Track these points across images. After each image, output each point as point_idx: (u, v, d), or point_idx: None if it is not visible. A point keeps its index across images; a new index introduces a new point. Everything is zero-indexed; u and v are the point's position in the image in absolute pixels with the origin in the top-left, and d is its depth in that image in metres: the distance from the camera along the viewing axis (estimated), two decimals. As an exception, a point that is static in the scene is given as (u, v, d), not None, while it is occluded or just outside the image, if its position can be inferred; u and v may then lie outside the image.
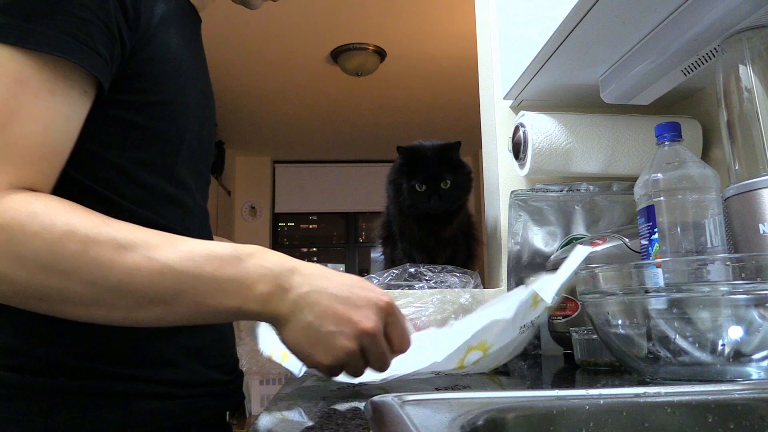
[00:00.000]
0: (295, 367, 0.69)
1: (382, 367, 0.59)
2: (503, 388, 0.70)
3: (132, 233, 0.54)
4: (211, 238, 0.80)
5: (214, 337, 0.74)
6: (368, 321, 0.56)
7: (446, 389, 0.62)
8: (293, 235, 6.26)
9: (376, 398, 0.44)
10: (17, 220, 0.51)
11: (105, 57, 0.58)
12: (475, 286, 1.07)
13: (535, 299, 0.69)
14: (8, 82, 0.53)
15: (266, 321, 0.58)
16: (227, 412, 0.78)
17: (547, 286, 0.68)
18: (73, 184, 0.62)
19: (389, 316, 0.58)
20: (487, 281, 1.29)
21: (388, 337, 0.58)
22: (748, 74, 0.75)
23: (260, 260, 0.57)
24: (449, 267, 1.10)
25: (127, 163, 0.65)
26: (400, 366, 0.65)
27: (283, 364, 0.71)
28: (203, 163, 0.78)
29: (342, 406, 0.53)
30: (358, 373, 0.58)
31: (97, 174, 0.63)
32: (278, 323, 0.57)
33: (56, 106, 0.56)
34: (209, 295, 0.55)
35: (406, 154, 1.23)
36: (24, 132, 0.53)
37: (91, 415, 0.61)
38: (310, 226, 6.29)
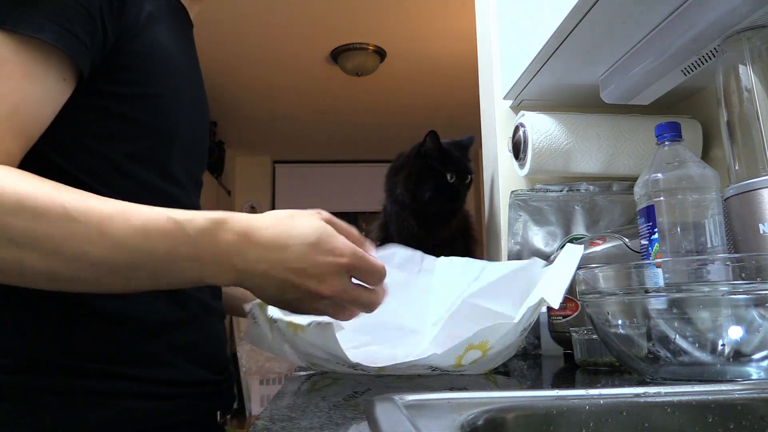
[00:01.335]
0: (305, 320, 0.68)
1: (369, 307, 0.61)
2: (503, 388, 0.70)
3: (84, 203, 0.53)
4: None
5: (205, 336, 0.73)
6: (327, 287, 0.57)
7: (443, 390, 0.62)
8: (293, 235, 6.25)
9: (375, 398, 0.44)
10: None
11: (84, 42, 0.59)
12: (475, 286, 1.07)
13: (540, 303, 0.69)
14: None
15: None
16: (218, 412, 0.77)
17: (553, 291, 0.67)
18: (60, 172, 0.61)
19: (353, 270, 0.59)
20: (487, 281, 1.29)
21: (362, 280, 0.60)
22: (748, 74, 0.75)
23: (214, 238, 0.56)
24: (449, 267, 1.10)
25: (115, 154, 0.65)
26: (398, 352, 0.66)
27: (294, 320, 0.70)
28: (197, 163, 0.77)
29: (342, 407, 0.53)
30: (346, 316, 0.62)
31: (84, 164, 0.63)
32: (248, 290, 0.60)
33: (28, 87, 0.56)
34: (166, 271, 0.56)
35: (437, 140, 1.21)
36: None
37: (81, 414, 0.61)
38: (310, 226, 6.28)
